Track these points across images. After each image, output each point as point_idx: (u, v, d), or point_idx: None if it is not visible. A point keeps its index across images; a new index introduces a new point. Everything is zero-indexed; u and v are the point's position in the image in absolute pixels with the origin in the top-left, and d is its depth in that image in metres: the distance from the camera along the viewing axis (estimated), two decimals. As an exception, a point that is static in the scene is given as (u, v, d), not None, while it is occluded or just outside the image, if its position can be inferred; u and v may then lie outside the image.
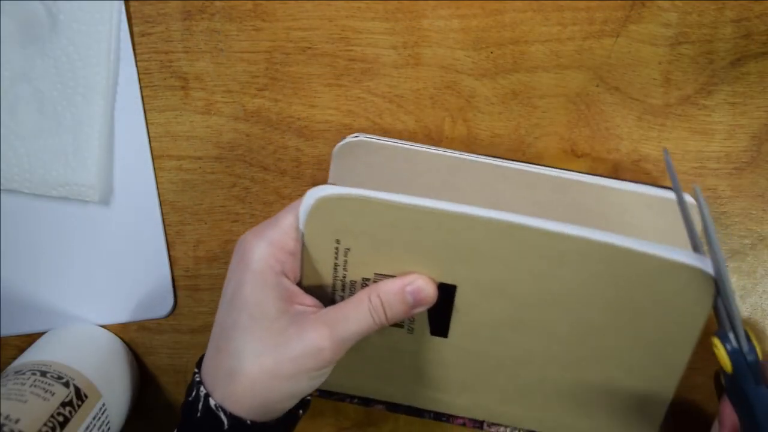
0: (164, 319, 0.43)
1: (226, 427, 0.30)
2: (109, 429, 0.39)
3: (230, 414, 0.30)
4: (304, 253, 0.30)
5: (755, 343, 0.29)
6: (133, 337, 0.44)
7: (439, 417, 0.40)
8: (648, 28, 0.38)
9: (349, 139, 0.38)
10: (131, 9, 0.39)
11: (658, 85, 0.39)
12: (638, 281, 0.31)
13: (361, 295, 0.31)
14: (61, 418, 0.35)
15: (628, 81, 0.39)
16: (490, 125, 0.40)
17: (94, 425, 0.37)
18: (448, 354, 0.35)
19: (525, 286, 0.32)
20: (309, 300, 0.31)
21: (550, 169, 0.38)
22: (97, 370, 0.40)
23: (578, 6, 0.38)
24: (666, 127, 0.39)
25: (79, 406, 0.37)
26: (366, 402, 0.41)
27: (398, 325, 0.35)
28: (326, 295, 0.32)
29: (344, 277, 0.31)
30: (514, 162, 0.39)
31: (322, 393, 0.41)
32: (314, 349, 0.29)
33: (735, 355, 0.29)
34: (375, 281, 0.32)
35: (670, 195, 0.38)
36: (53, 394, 0.36)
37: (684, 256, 0.30)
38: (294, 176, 0.41)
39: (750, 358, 0.29)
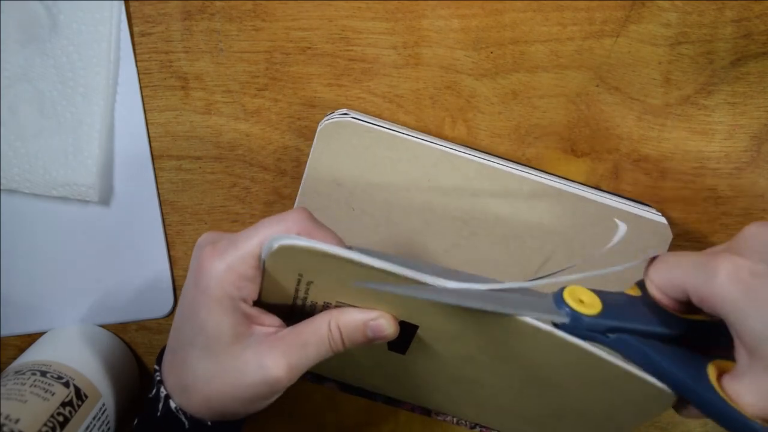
0: (164, 319, 0.43)
1: (186, 427, 0.30)
2: (109, 429, 0.39)
3: (190, 416, 0.30)
4: (264, 277, 0.30)
5: (575, 306, 0.28)
6: (133, 337, 0.44)
7: (390, 401, 0.42)
8: (648, 28, 0.38)
9: (337, 117, 0.38)
10: (131, 9, 0.39)
11: (658, 85, 0.39)
12: (597, 375, 0.32)
13: (321, 321, 0.30)
14: (61, 418, 0.35)
15: (628, 81, 0.39)
16: (490, 125, 0.40)
17: (94, 425, 0.37)
18: (402, 364, 0.36)
19: (484, 342, 0.32)
20: (268, 320, 0.30)
21: (534, 172, 0.39)
22: (97, 370, 0.40)
23: (578, 6, 0.38)
24: (666, 127, 0.39)
25: (79, 406, 0.37)
26: (318, 379, 0.42)
27: None
28: (284, 310, 0.32)
29: (305, 299, 0.31)
30: (501, 161, 0.39)
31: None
32: (270, 378, 0.29)
33: (569, 322, 0.28)
34: (336, 306, 0.31)
35: (647, 213, 0.38)
36: (53, 394, 0.36)
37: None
38: (294, 176, 0.41)
39: (576, 321, 0.28)
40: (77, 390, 0.37)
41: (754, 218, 0.40)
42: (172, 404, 0.30)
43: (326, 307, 0.31)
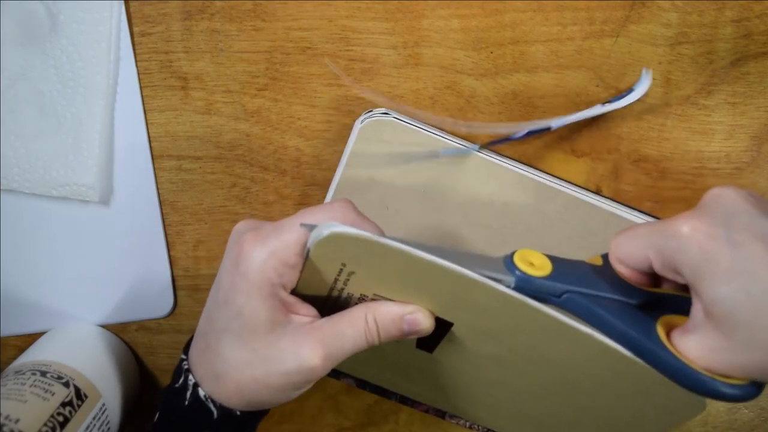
0: (164, 319, 0.43)
1: (215, 416, 0.30)
2: (109, 429, 0.39)
3: (220, 405, 0.30)
4: (305, 265, 0.30)
5: (525, 268, 0.29)
6: (133, 337, 0.44)
7: (405, 400, 0.42)
8: (648, 28, 0.38)
9: (378, 115, 0.38)
10: (131, 9, 0.39)
11: (658, 85, 0.39)
12: (633, 381, 0.32)
13: (358, 313, 0.30)
14: (61, 418, 0.35)
15: (628, 81, 0.39)
16: (490, 125, 0.40)
17: (94, 425, 0.37)
18: (427, 362, 0.36)
19: (518, 342, 0.33)
20: (304, 309, 0.30)
21: (567, 184, 0.39)
22: (97, 370, 0.40)
23: (578, 6, 0.38)
24: (666, 127, 0.39)
25: (79, 406, 0.37)
26: (335, 374, 0.42)
27: None
28: (319, 301, 0.32)
29: (342, 290, 0.31)
30: (538, 173, 0.39)
31: None
32: (306, 367, 0.29)
33: (515, 283, 0.29)
34: (372, 299, 0.31)
35: None
36: (53, 394, 0.36)
37: None
38: (294, 176, 0.41)
39: (525, 282, 0.29)
40: (77, 390, 0.37)
41: (754, 218, 0.40)
42: (201, 393, 0.30)
43: (362, 299, 0.31)
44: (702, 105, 0.39)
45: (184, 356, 0.32)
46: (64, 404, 0.36)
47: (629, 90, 0.38)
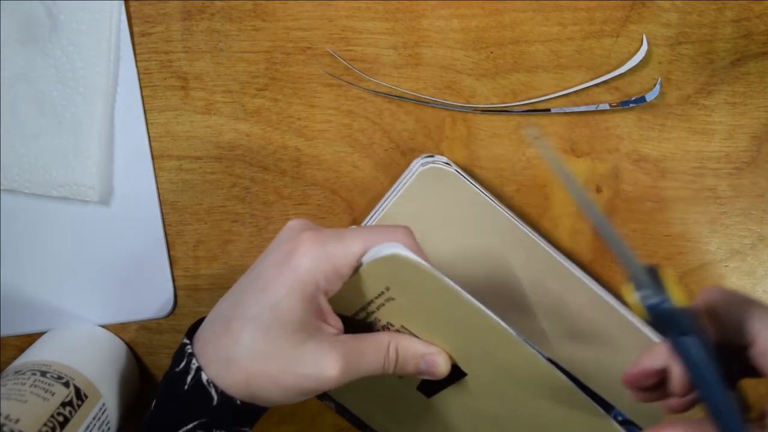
0: (164, 319, 0.43)
1: (215, 402, 0.29)
2: (109, 429, 0.39)
3: (221, 392, 0.29)
4: (350, 279, 0.30)
5: (673, 289, 0.26)
6: (133, 337, 0.44)
7: None
8: (648, 28, 0.38)
9: (440, 164, 0.38)
10: (131, 9, 0.39)
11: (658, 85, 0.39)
12: None
13: (383, 339, 0.31)
14: (61, 418, 0.35)
15: (628, 81, 0.39)
16: (490, 125, 0.40)
17: (94, 425, 0.37)
18: (419, 406, 0.36)
19: (526, 409, 0.33)
20: (333, 320, 0.31)
21: (599, 288, 0.39)
22: (97, 370, 0.40)
23: (578, 6, 0.38)
24: (666, 127, 0.39)
25: (79, 406, 0.37)
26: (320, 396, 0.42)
27: None
28: (345, 316, 0.32)
29: (372, 312, 0.31)
30: (576, 268, 0.39)
31: None
32: (323, 376, 0.29)
33: (647, 301, 0.25)
34: (398, 330, 0.31)
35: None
36: (53, 394, 0.36)
37: None
38: (294, 176, 0.41)
39: (664, 305, 0.25)
40: (77, 390, 0.37)
41: (754, 218, 0.40)
42: (204, 377, 0.29)
43: (386, 328, 0.32)
44: (702, 105, 0.39)
45: (187, 340, 0.31)
46: (64, 404, 0.36)
47: (641, 98, 0.38)
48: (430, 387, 0.34)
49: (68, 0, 0.38)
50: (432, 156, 0.39)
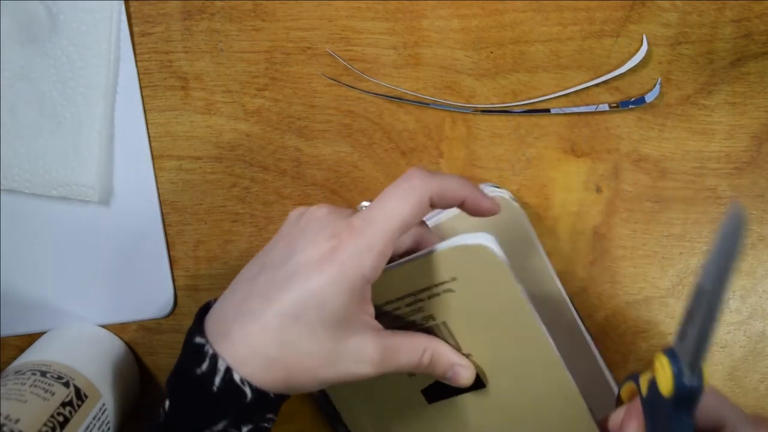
0: (164, 319, 0.43)
1: (248, 399, 0.29)
2: (109, 429, 0.39)
3: (256, 388, 0.29)
4: (415, 259, 0.29)
5: (704, 370, 0.25)
6: (133, 337, 0.44)
7: None
8: (648, 28, 0.38)
9: (506, 197, 0.38)
10: (131, 9, 0.39)
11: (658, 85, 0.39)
12: None
13: (419, 343, 0.31)
14: (61, 418, 0.35)
15: (628, 81, 0.39)
16: (490, 125, 0.40)
17: (94, 425, 0.37)
18: (415, 408, 0.35)
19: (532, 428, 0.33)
20: (370, 308, 0.30)
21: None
22: (97, 370, 0.40)
23: (578, 6, 0.38)
24: (666, 127, 0.39)
25: (79, 406, 0.37)
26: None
27: None
28: (387, 298, 0.31)
29: (420, 300, 0.31)
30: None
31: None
32: (360, 373, 0.29)
33: (680, 379, 0.25)
34: (437, 324, 0.31)
35: None
36: (53, 394, 0.36)
37: None
38: (294, 176, 0.41)
39: (695, 385, 0.25)
40: (77, 390, 0.37)
41: (754, 218, 0.40)
42: (237, 376, 0.29)
43: (427, 319, 0.31)
44: (702, 105, 0.39)
45: (202, 340, 0.30)
46: (64, 404, 0.36)
47: (640, 99, 0.38)
48: (437, 393, 0.34)
49: (68, 0, 0.38)
50: (496, 187, 0.37)
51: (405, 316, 0.32)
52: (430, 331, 0.32)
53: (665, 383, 0.25)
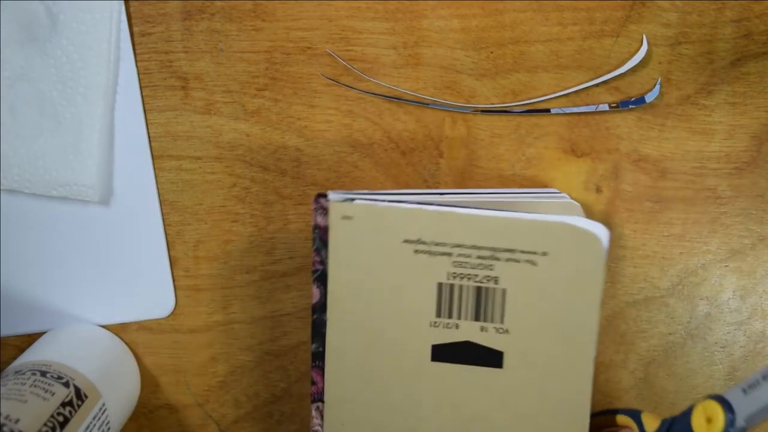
0: (164, 319, 0.43)
1: None
2: (109, 429, 0.39)
3: None
4: (520, 217, 0.29)
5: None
6: (133, 337, 0.44)
7: None
8: (648, 28, 0.38)
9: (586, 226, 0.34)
10: (131, 9, 0.39)
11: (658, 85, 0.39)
12: None
13: None
14: (61, 418, 0.35)
15: (628, 81, 0.39)
16: (490, 125, 0.40)
17: (94, 425, 0.37)
18: (416, 358, 0.33)
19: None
20: None
21: None
22: (97, 370, 0.40)
23: (578, 6, 0.38)
24: (666, 127, 0.39)
25: (79, 406, 0.37)
26: None
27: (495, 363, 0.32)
28: (456, 240, 0.30)
29: (492, 261, 0.30)
30: None
31: None
32: None
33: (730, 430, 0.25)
34: (491, 290, 0.30)
35: None
36: (53, 394, 0.36)
37: None
38: (294, 176, 0.41)
39: None
40: (77, 390, 0.37)
41: (754, 218, 0.40)
42: None
43: (485, 280, 0.30)
44: (702, 105, 0.39)
45: None
46: (64, 404, 0.36)
47: (640, 99, 0.38)
48: (447, 354, 0.32)
49: (68, 0, 0.38)
50: (563, 196, 0.35)
51: (466, 265, 0.30)
52: (480, 291, 0.30)
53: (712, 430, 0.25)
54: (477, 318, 0.31)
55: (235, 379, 0.44)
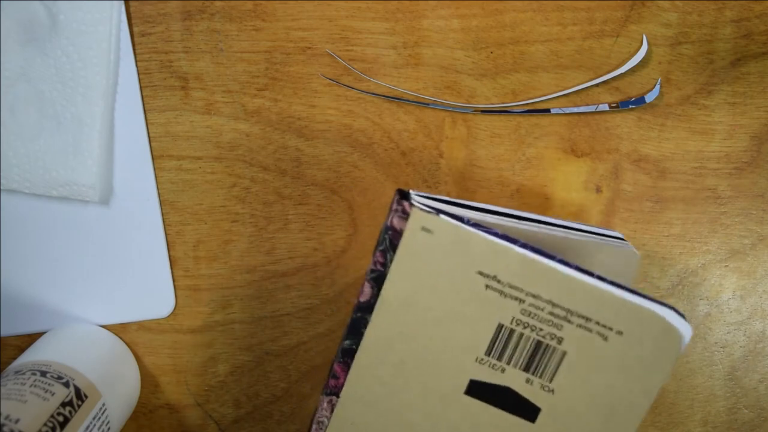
0: (164, 319, 0.43)
1: None
2: (109, 429, 0.39)
3: None
4: (608, 289, 0.28)
5: None
6: (133, 337, 0.44)
7: None
8: (648, 28, 0.38)
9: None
10: (131, 9, 0.39)
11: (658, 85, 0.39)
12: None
13: None
14: (61, 418, 0.35)
15: (628, 81, 0.39)
16: (490, 125, 0.40)
17: (94, 425, 0.37)
18: (449, 386, 0.32)
19: None
20: None
21: None
22: (97, 370, 0.40)
23: (578, 6, 0.38)
24: (666, 127, 0.39)
25: (79, 406, 0.37)
26: None
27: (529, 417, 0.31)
28: (535, 287, 0.29)
29: (563, 321, 0.29)
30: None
31: None
32: None
33: None
34: (550, 347, 0.30)
35: None
36: (53, 394, 0.36)
37: None
38: (294, 176, 0.41)
39: None
40: (77, 390, 0.37)
41: (754, 218, 0.40)
42: None
43: (548, 337, 0.30)
44: (702, 105, 0.39)
45: None
46: (64, 404, 0.36)
47: (640, 99, 0.38)
48: (482, 391, 0.31)
49: (68, 0, 0.38)
50: (623, 241, 0.33)
51: (534, 317, 0.29)
52: (539, 345, 0.29)
53: None
54: (527, 369, 0.30)
55: (235, 379, 0.44)
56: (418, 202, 0.28)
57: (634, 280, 0.31)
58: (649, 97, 0.38)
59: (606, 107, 0.39)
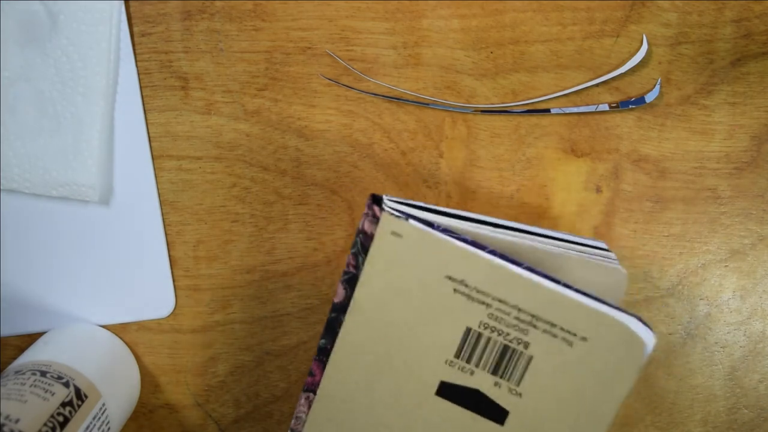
0: (164, 319, 0.43)
1: None
2: (109, 429, 0.39)
3: None
4: (571, 297, 0.28)
5: None
6: (133, 337, 0.44)
7: None
8: (648, 28, 0.38)
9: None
10: (131, 9, 0.39)
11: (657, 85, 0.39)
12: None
13: None
14: (61, 418, 0.35)
15: (628, 81, 0.39)
16: (490, 125, 0.40)
17: (94, 425, 0.37)
18: (419, 387, 0.32)
19: None
20: None
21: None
22: (97, 370, 0.40)
23: (578, 6, 0.38)
24: (666, 127, 0.39)
25: (79, 406, 0.37)
26: None
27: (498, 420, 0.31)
28: (500, 293, 0.30)
29: (529, 326, 0.29)
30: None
31: None
32: None
33: None
34: (517, 352, 0.30)
35: None
36: (53, 394, 0.36)
37: None
38: (294, 176, 0.41)
39: None
40: (77, 390, 0.37)
41: (754, 218, 0.40)
42: None
43: (514, 341, 0.30)
44: (702, 105, 0.39)
45: None
46: (64, 404, 0.36)
47: (640, 99, 0.38)
48: (453, 393, 0.31)
49: (68, 0, 0.38)
50: (609, 254, 0.33)
51: (501, 321, 0.29)
52: (506, 349, 0.30)
53: None
54: (495, 373, 0.30)
55: (235, 379, 0.44)
56: (389, 207, 0.29)
57: (620, 300, 0.31)
58: (649, 97, 0.38)
59: (606, 107, 0.39)
